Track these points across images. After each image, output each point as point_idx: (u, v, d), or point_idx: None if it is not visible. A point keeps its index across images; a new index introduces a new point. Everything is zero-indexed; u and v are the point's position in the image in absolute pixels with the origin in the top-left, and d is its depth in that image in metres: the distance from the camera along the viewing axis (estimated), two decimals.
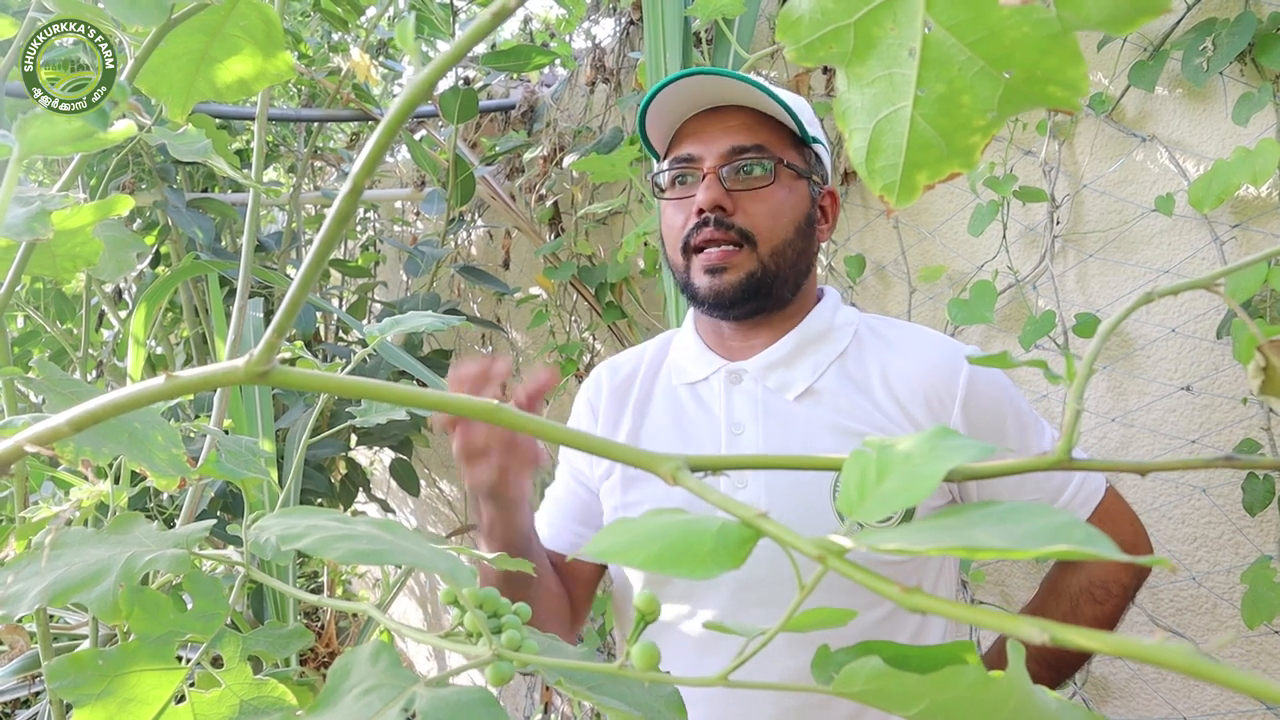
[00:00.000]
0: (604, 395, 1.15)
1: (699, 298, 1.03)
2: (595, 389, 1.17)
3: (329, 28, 2.67)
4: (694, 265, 1.03)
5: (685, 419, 1.09)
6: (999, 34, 0.34)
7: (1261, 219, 1.27)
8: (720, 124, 1.03)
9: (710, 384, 1.09)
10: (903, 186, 0.40)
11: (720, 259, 1.01)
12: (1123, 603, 1.05)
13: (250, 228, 1.14)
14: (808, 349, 1.06)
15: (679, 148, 1.05)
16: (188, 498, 1.01)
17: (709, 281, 1.02)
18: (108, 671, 0.54)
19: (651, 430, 1.10)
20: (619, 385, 1.15)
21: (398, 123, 0.32)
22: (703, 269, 1.02)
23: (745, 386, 1.06)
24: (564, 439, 0.37)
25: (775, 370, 1.05)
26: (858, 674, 0.35)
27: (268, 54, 0.86)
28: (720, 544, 0.31)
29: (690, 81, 1.00)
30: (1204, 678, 0.22)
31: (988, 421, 1.02)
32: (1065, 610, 1.06)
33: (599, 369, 1.19)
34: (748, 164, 1.02)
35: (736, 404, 1.06)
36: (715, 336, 1.11)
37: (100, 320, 2.61)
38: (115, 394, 0.40)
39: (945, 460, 0.32)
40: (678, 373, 1.12)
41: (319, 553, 0.42)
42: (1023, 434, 1.03)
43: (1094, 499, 1.05)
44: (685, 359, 1.12)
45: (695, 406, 1.09)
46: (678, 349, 1.15)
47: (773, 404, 1.04)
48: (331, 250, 0.35)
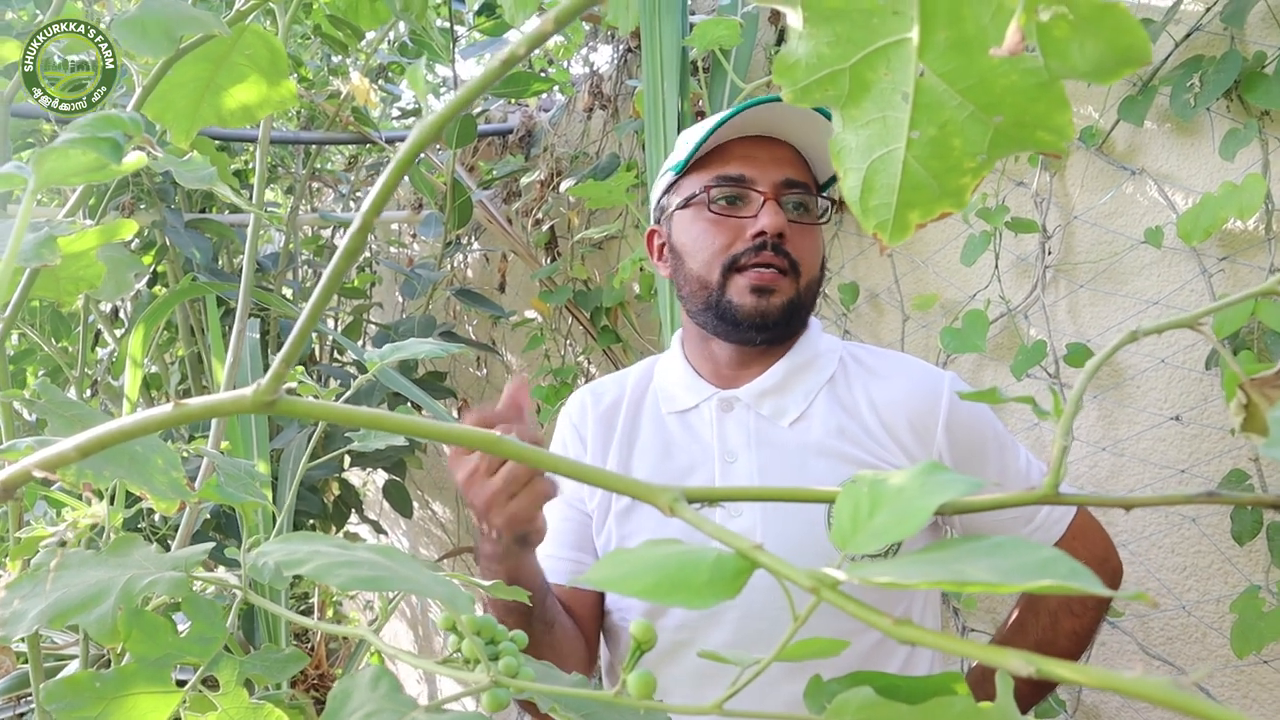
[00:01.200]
0: (590, 422, 1.14)
1: (738, 316, 1.03)
2: (580, 414, 1.15)
3: (329, 51, 2.69)
4: (736, 283, 1.03)
5: (675, 448, 1.08)
6: (989, 81, 0.35)
7: (1248, 252, 1.29)
8: (770, 153, 1.05)
9: (701, 412, 1.08)
10: (895, 225, 0.41)
11: (771, 280, 1.02)
12: (1099, 615, 1.09)
13: (250, 250, 1.15)
14: (799, 375, 1.07)
15: (726, 167, 1.04)
16: (184, 520, 1.02)
17: (755, 301, 1.02)
18: (105, 694, 0.54)
19: (641, 460, 1.09)
20: (604, 414, 1.13)
21: (407, 163, 0.33)
22: (750, 288, 1.02)
23: (737, 414, 1.06)
24: (563, 469, 0.38)
25: (768, 397, 1.06)
26: (849, 704, 0.36)
27: (272, 81, 0.87)
28: (716, 575, 0.32)
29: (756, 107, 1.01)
30: (1183, 710, 0.23)
31: (970, 443, 1.04)
32: (1045, 625, 1.08)
33: (581, 394, 1.18)
34: (800, 199, 1.05)
35: (729, 432, 1.06)
36: (708, 363, 1.11)
37: (96, 339, 2.61)
38: (122, 421, 0.41)
39: (936, 495, 0.33)
40: (666, 400, 1.11)
41: (321, 579, 0.42)
42: (1001, 454, 1.06)
43: (1067, 517, 1.07)
44: (674, 386, 1.12)
45: (685, 435, 1.08)
46: (664, 376, 1.14)
47: (766, 431, 1.05)
48: (339, 284, 0.36)
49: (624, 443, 1.11)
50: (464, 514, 3.31)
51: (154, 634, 0.57)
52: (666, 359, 1.16)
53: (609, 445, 1.11)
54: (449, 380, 3.07)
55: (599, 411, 1.14)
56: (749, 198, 1.04)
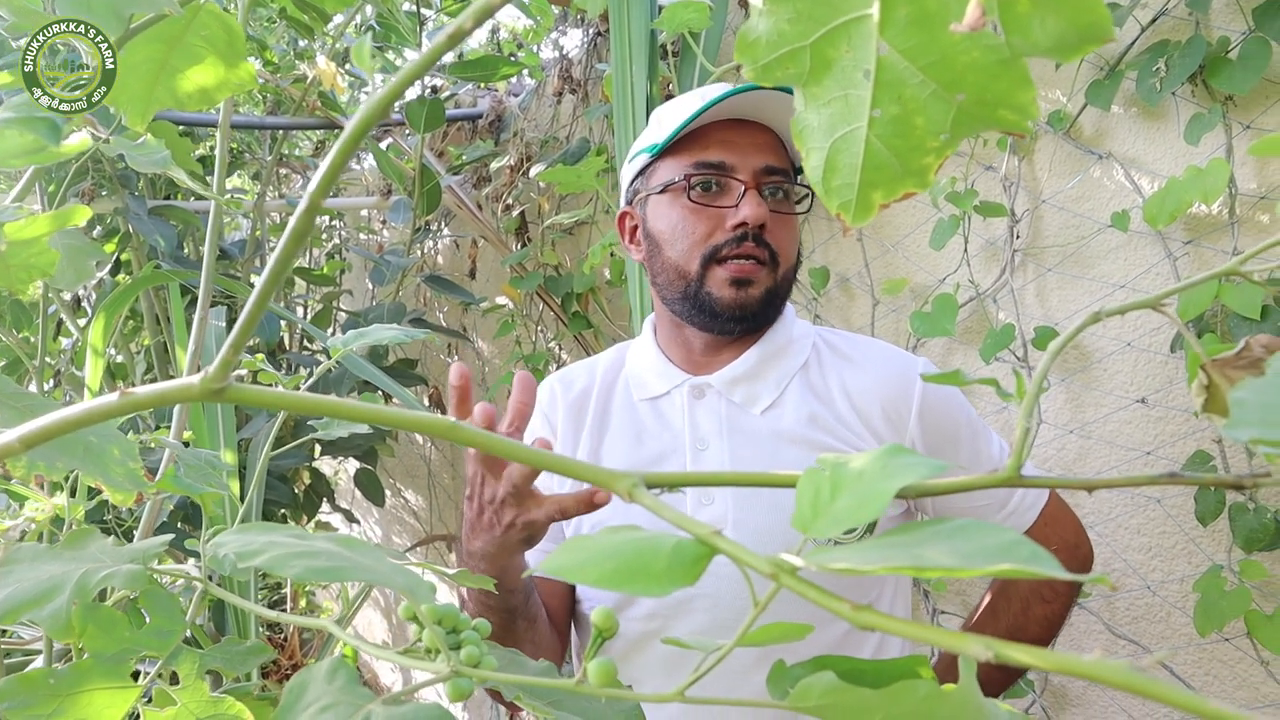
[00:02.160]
0: (560, 410, 1.12)
1: (716, 307, 1.01)
2: (550, 402, 1.13)
3: (295, 35, 2.65)
4: (715, 275, 1.01)
5: (646, 435, 1.07)
6: (950, 58, 0.35)
7: (1212, 235, 1.30)
8: (750, 138, 1.02)
9: (672, 398, 1.08)
10: (858, 205, 0.40)
11: (751, 271, 1.01)
12: (1070, 600, 1.10)
13: (212, 237, 1.12)
14: (771, 362, 1.06)
15: (705, 152, 1.01)
16: (146, 511, 1.00)
17: (734, 293, 1.01)
18: (59, 691, 0.53)
19: (611, 448, 1.08)
20: (574, 402, 1.12)
21: (355, 140, 0.32)
22: (730, 279, 1.00)
23: (709, 401, 1.05)
24: (522, 457, 0.37)
25: (740, 384, 1.05)
26: (812, 689, 0.35)
27: (230, 63, 0.85)
28: (675, 561, 0.32)
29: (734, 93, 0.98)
30: (1140, 693, 0.23)
31: (943, 429, 1.04)
32: (1017, 610, 1.09)
33: (550, 382, 1.16)
34: (779, 186, 1.03)
35: (700, 419, 1.05)
36: (681, 350, 1.10)
37: (58, 328, 2.57)
38: (67, 410, 0.40)
39: (897, 478, 0.33)
40: (638, 387, 1.10)
41: (276, 570, 0.42)
42: (974, 440, 1.06)
43: (1040, 503, 1.08)
44: (646, 373, 1.11)
45: (656, 422, 1.07)
46: (636, 362, 1.13)
47: (737, 419, 1.04)
48: (289, 266, 0.35)
49: (595, 431, 1.10)
50: (436, 502, 3.30)
51: (110, 628, 0.56)
52: (638, 345, 1.15)
53: (580, 433, 1.10)
54: (420, 367, 3.05)
55: (569, 400, 1.12)
56: (729, 185, 1.01)
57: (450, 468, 3.22)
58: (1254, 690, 1.31)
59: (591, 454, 1.08)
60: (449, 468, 3.23)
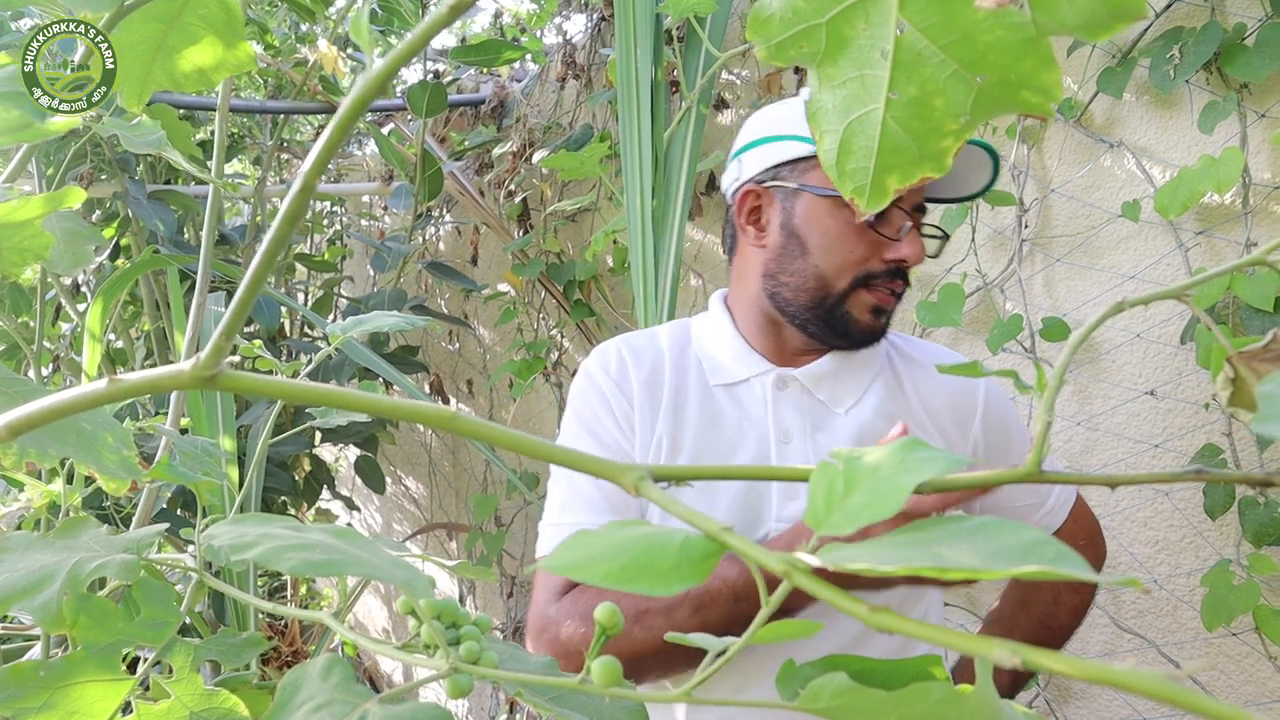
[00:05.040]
0: (634, 382, 1.05)
1: (850, 329, 1.01)
2: (620, 370, 1.06)
3: (296, 18, 2.63)
4: (860, 299, 1.00)
5: (725, 423, 1.03)
6: (973, 37, 0.33)
7: (1225, 226, 1.29)
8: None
9: (752, 387, 1.04)
10: (873, 190, 0.39)
11: (891, 303, 1.02)
12: (1095, 589, 1.14)
13: (210, 222, 1.11)
14: (853, 364, 1.05)
15: None
16: (142, 499, 0.99)
17: (871, 319, 1.01)
18: (50, 683, 0.52)
19: (692, 435, 1.03)
20: (648, 378, 1.06)
21: (352, 117, 0.30)
22: (871, 307, 1.01)
23: (793, 395, 1.03)
24: (527, 449, 0.35)
25: (825, 383, 1.03)
26: (823, 690, 0.34)
27: (228, 43, 0.84)
28: (683, 559, 0.30)
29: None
30: (1178, 705, 0.22)
31: (1001, 430, 1.07)
32: (1048, 599, 1.12)
33: (615, 348, 1.09)
34: (927, 224, 1.04)
35: (785, 412, 1.02)
36: (770, 341, 1.06)
37: (58, 313, 2.56)
38: (55, 397, 0.39)
39: (914, 473, 0.31)
40: (714, 372, 1.06)
41: (269, 564, 0.40)
42: (1024, 446, 1.10)
43: (1070, 500, 1.12)
44: (724, 357, 1.07)
45: (734, 410, 1.04)
46: (711, 344, 1.09)
47: (822, 416, 1.03)
48: (282, 248, 0.34)
49: (671, 411, 1.04)
50: (437, 489, 3.29)
51: (103, 620, 0.55)
52: (708, 325, 1.11)
53: (656, 412, 1.04)
54: (421, 354, 3.04)
55: (642, 374, 1.06)
56: (892, 215, 0.99)
57: (451, 455, 3.21)
58: (1261, 685, 1.30)
59: (670, 436, 1.03)
60: (450, 455, 3.22)
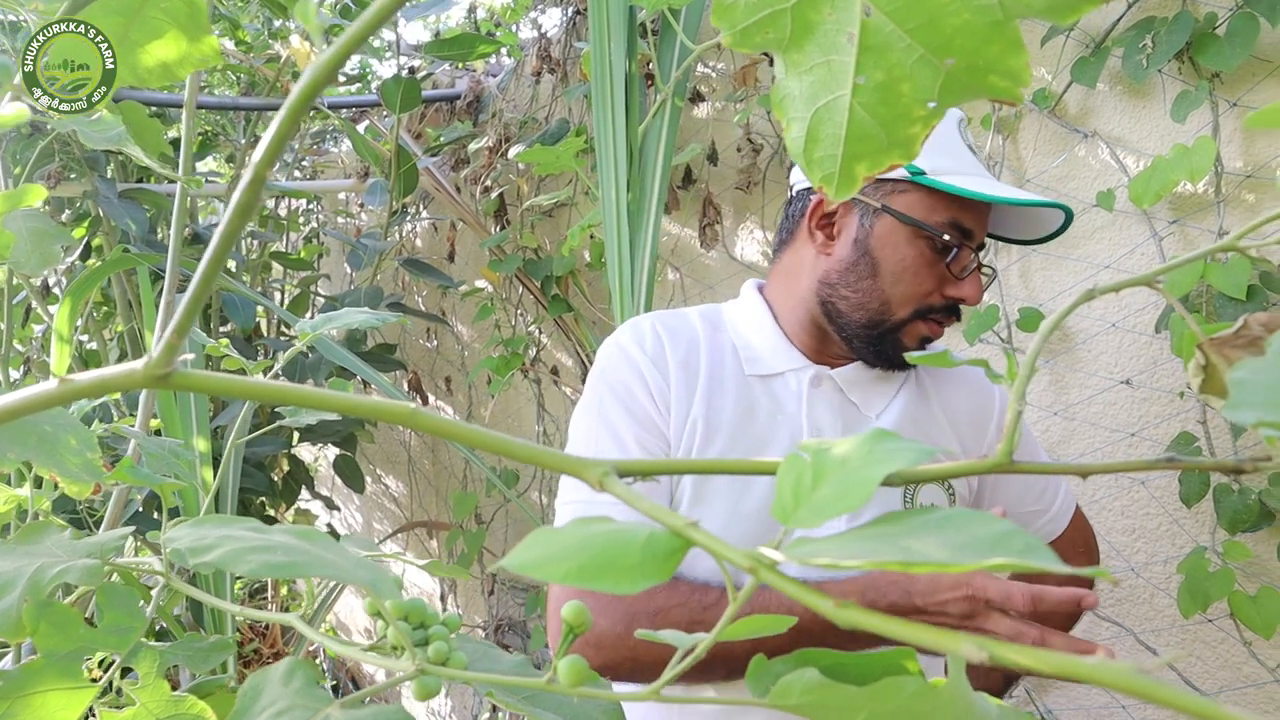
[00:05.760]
0: (671, 363, 1.03)
1: (894, 353, 1.02)
2: (657, 348, 1.04)
3: (268, 14, 2.60)
4: (915, 328, 1.01)
5: (758, 414, 1.03)
6: (939, 21, 0.33)
7: (1198, 215, 1.29)
8: (986, 213, 1.02)
9: (786, 381, 1.04)
10: (842, 177, 0.38)
11: (940, 335, 1.04)
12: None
13: (178, 220, 1.09)
14: (883, 370, 1.07)
15: (964, 216, 0.99)
16: (111, 502, 0.97)
17: (915, 348, 1.02)
18: (9, 693, 0.50)
19: (727, 423, 1.02)
20: (684, 359, 1.04)
21: (299, 108, 0.30)
22: (922, 337, 1.02)
23: (826, 394, 1.04)
24: (489, 444, 0.35)
25: (857, 386, 1.05)
26: (793, 687, 0.34)
27: (192, 37, 0.82)
28: (648, 555, 0.30)
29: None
30: (1146, 698, 0.21)
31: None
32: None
33: (649, 323, 1.07)
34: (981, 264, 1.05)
35: (818, 410, 1.03)
36: (811, 340, 1.06)
37: (28, 315, 2.52)
38: (3, 399, 0.37)
39: (882, 465, 0.31)
40: (751, 361, 1.05)
41: (230, 567, 0.39)
42: (1034, 453, 1.17)
43: (1071, 508, 1.16)
44: (762, 348, 1.06)
45: (769, 402, 1.03)
46: (747, 333, 1.08)
47: (853, 417, 1.04)
48: (232, 244, 0.33)
49: (707, 396, 1.03)
50: (416, 488, 3.27)
51: (64, 626, 0.54)
52: (745, 314, 1.10)
53: (692, 395, 1.02)
54: (399, 352, 3.02)
55: (679, 354, 1.04)
56: (963, 253, 1.00)
57: (430, 453, 3.19)
58: (1236, 670, 1.31)
59: (706, 420, 1.01)
60: (429, 453, 3.20)
